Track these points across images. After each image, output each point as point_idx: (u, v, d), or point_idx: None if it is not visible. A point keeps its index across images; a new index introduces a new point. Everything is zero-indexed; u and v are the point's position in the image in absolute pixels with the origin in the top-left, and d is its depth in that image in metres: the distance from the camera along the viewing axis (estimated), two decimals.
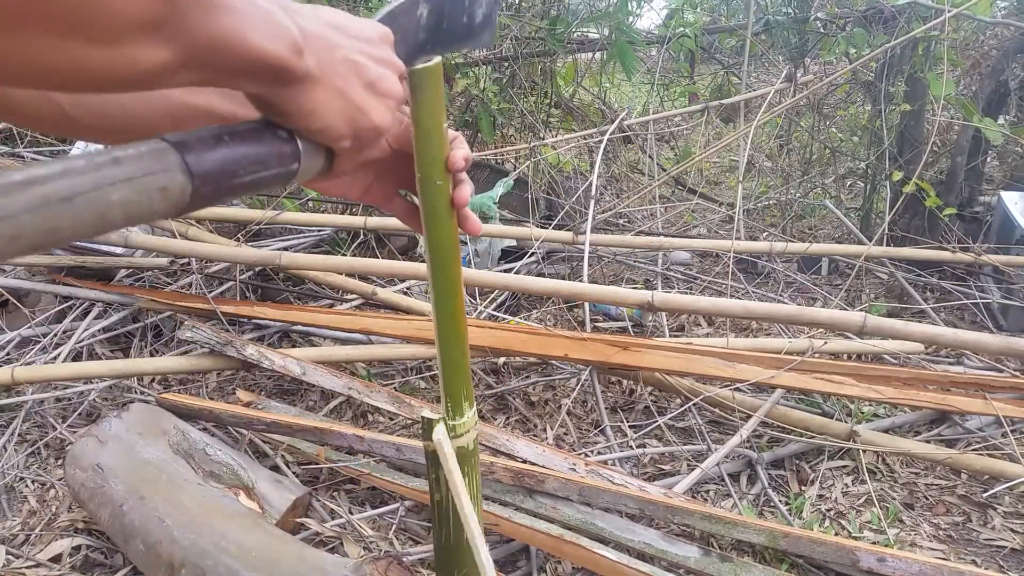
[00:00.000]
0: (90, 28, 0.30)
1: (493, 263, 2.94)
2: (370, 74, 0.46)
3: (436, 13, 0.57)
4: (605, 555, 1.46)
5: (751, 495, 1.82)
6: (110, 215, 0.35)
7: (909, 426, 2.07)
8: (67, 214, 0.33)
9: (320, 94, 0.43)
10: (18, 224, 0.31)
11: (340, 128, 0.45)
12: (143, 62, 0.33)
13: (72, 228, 0.34)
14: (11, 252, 0.32)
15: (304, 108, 0.43)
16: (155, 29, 0.33)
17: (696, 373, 1.96)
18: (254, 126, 0.44)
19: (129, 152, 0.36)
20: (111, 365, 2.01)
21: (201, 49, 0.35)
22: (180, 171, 0.38)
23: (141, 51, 0.33)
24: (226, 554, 1.31)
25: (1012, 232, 2.75)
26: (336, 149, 0.47)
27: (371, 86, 0.46)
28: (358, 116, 0.45)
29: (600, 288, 2.21)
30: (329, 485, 1.78)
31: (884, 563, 1.42)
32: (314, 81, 0.42)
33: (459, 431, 0.72)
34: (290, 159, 0.44)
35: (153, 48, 0.33)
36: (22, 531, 1.64)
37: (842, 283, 2.95)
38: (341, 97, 0.44)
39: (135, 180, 0.36)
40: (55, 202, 0.32)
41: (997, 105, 3.22)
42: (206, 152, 0.39)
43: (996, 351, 1.90)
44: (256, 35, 0.38)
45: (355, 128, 0.46)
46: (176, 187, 0.38)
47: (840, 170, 4.07)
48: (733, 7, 4.82)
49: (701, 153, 3.68)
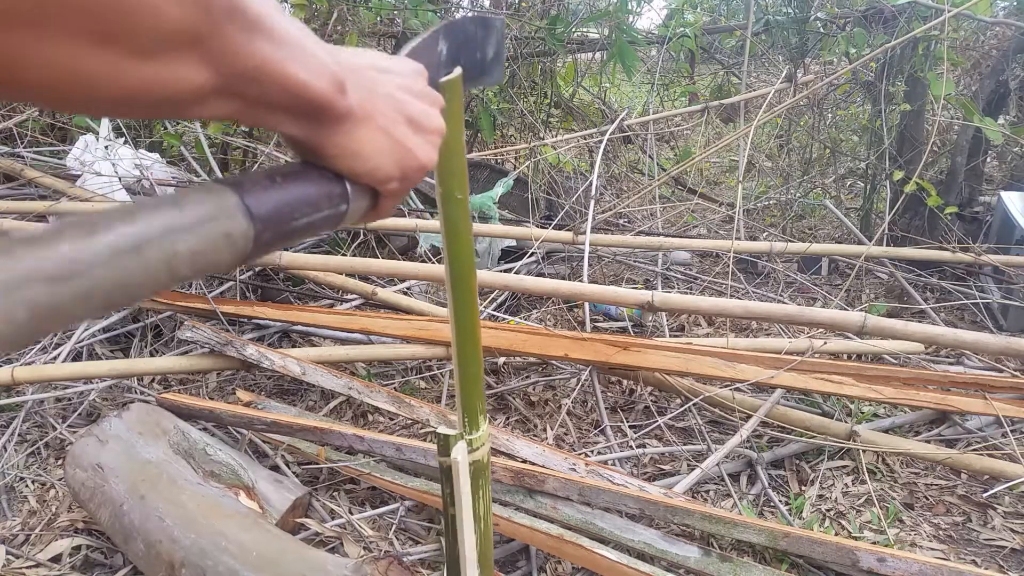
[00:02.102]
0: (126, 35, 0.29)
1: (493, 263, 2.94)
2: (413, 110, 0.44)
3: (454, 50, 0.57)
4: (605, 555, 1.46)
5: (751, 495, 1.82)
6: (178, 266, 0.32)
7: (909, 426, 2.07)
8: (138, 267, 0.30)
9: (364, 134, 0.41)
10: (93, 279, 0.29)
11: (388, 169, 0.43)
12: (179, 81, 0.32)
13: (142, 284, 0.31)
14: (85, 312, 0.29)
15: (348, 149, 0.41)
16: (192, 45, 0.31)
17: (696, 373, 1.96)
18: (301, 167, 0.41)
19: (189, 196, 0.34)
20: (111, 365, 2.01)
21: (240, 75, 0.34)
22: (242, 215, 0.35)
23: (177, 69, 0.31)
24: (226, 554, 1.31)
25: (1012, 232, 2.75)
26: (382, 191, 0.44)
27: (415, 123, 0.44)
28: (405, 156, 0.43)
29: (600, 288, 2.21)
30: (329, 485, 1.78)
31: (884, 563, 1.42)
32: (357, 120, 0.41)
33: (475, 444, 0.72)
34: (340, 200, 0.42)
35: (190, 67, 0.32)
36: (22, 531, 1.64)
37: (842, 283, 2.95)
38: (386, 136, 0.42)
39: (200, 227, 0.33)
40: (125, 253, 0.30)
41: (997, 105, 3.22)
42: (262, 194, 0.37)
43: (996, 351, 1.90)
44: (298, 67, 0.36)
45: (402, 168, 0.44)
46: (239, 233, 0.35)
47: (840, 170, 4.07)
48: (733, 7, 4.82)
49: (701, 153, 3.68)
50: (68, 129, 3.37)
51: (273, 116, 0.38)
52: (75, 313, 0.29)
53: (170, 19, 0.29)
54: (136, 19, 0.29)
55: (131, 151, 2.89)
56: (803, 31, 3.56)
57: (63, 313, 0.28)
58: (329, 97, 0.38)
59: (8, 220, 2.41)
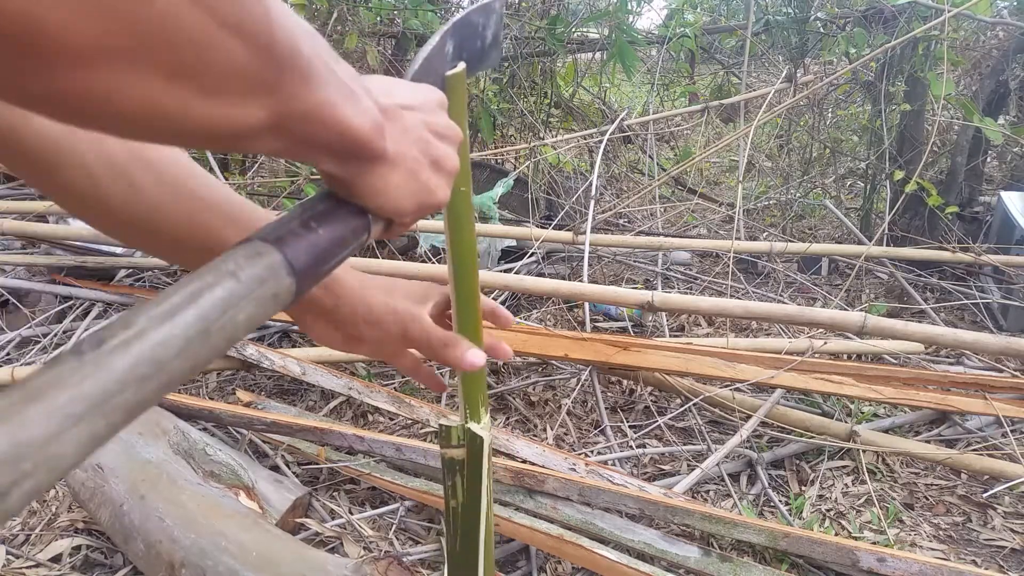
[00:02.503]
0: (202, 77, 0.31)
1: (493, 263, 2.94)
2: (436, 152, 0.48)
3: (459, 45, 0.60)
4: (605, 555, 1.46)
5: (751, 495, 1.82)
6: (236, 335, 0.34)
7: (909, 426, 2.08)
8: (206, 349, 0.32)
9: (394, 176, 0.44)
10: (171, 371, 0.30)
11: (408, 207, 0.46)
12: (240, 120, 0.34)
13: (207, 360, 0.33)
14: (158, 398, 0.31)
15: (378, 188, 0.44)
16: (256, 87, 0.33)
17: (696, 373, 1.96)
18: (328, 204, 0.44)
19: (241, 263, 0.36)
20: None
21: (293, 117, 0.36)
22: (287, 274, 0.37)
23: (240, 110, 0.33)
24: (226, 554, 1.31)
25: (1012, 232, 2.75)
26: (397, 222, 0.48)
27: (436, 164, 0.48)
28: (426, 196, 0.47)
29: (600, 288, 2.21)
30: (329, 485, 1.78)
31: (884, 563, 1.42)
32: (389, 162, 0.44)
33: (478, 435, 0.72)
34: (362, 231, 0.45)
35: (251, 109, 0.34)
36: (22, 531, 1.64)
37: (842, 283, 2.95)
38: (412, 179, 0.46)
39: (253, 293, 0.35)
40: (196, 340, 0.32)
41: (997, 105, 3.22)
42: (300, 246, 0.39)
43: (996, 351, 1.90)
44: (346, 111, 0.38)
45: (420, 205, 0.47)
46: (284, 290, 0.37)
47: (840, 170, 4.07)
48: (733, 7, 4.82)
49: (701, 153, 3.68)
50: None
51: (316, 154, 0.40)
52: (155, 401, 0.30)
53: (240, 62, 0.32)
54: (211, 59, 0.31)
55: None
56: (803, 31, 3.56)
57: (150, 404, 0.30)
58: (370, 140, 0.41)
59: (8, 220, 2.41)
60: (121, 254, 2.45)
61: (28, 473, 0.25)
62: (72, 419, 0.26)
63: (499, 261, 2.96)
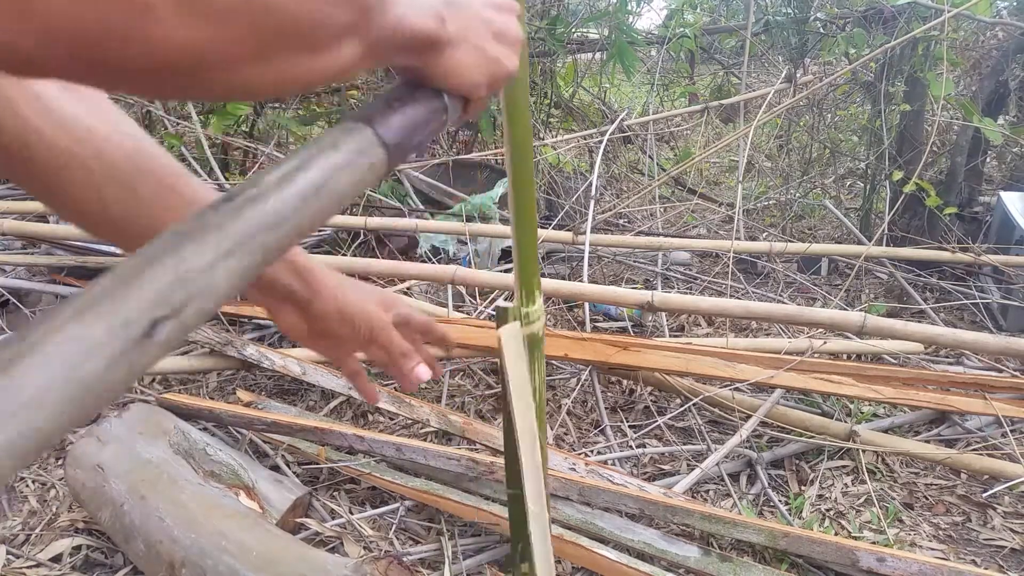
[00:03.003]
0: (314, 42, 0.37)
1: (493, 263, 2.94)
2: (497, 25, 0.51)
3: None
4: (605, 555, 1.46)
5: (751, 495, 1.82)
6: (344, 196, 0.41)
7: (909, 426, 2.08)
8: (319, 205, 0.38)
9: (462, 54, 0.49)
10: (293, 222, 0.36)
11: (479, 80, 0.50)
12: (343, 60, 0.40)
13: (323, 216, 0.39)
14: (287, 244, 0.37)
15: (448, 69, 0.48)
16: (353, 33, 0.39)
17: (696, 373, 1.96)
18: (408, 89, 0.49)
19: (338, 137, 0.42)
20: None
21: (378, 40, 0.41)
22: (379, 145, 0.43)
23: (342, 52, 0.39)
24: (226, 554, 1.31)
25: (1012, 232, 2.76)
26: (473, 98, 0.52)
27: (499, 36, 0.52)
28: (494, 67, 0.51)
29: (600, 288, 2.21)
30: (329, 485, 1.78)
31: (884, 563, 1.42)
32: (455, 44, 0.48)
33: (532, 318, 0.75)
34: (442, 112, 0.50)
35: (350, 48, 0.40)
36: (23, 531, 1.64)
37: (842, 283, 2.95)
38: (478, 52, 0.50)
39: (353, 162, 0.41)
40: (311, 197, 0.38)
41: (997, 105, 3.22)
42: (388, 122, 0.45)
43: (996, 351, 1.90)
44: (415, 16, 0.43)
45: (491, 77, 0.51)
46: (379, 160, 0.44)
47: (840, 170, 4.07)
48: (733, 7, 4.82)
49: (701, 153, 3.68)
50: None
51: (394, 55, 0.45)
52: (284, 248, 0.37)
53: (340, 20, 0.38)
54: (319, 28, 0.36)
55: None
56: (803, 31, 3.56)
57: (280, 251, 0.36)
58: (437, 32, 0.46)
59: (8, 220, 2.41)
60: (121, 254, 2.45)
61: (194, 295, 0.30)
62: (222, 254, 0.32)
63: (499, 261, 2.96)
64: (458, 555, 1.56)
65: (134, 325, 0.27)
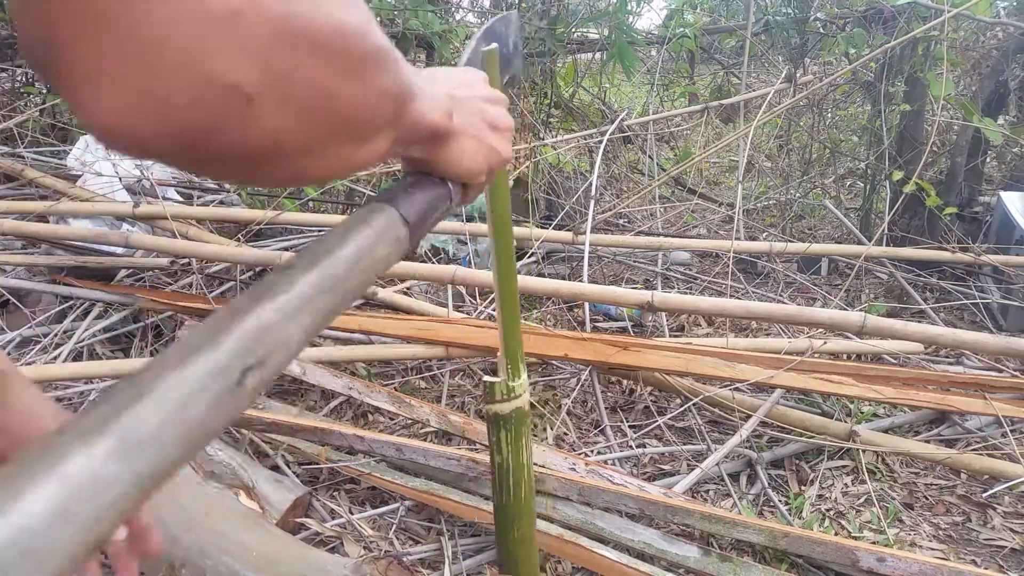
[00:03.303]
0: (363, 134, 0.40)
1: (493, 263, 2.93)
2: (491, 117, 0.57)
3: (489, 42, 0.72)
4: (605, 555, 1.46)
5: (751, 495, 1.82)
6: (378, 265, 0.45)
7: (909, 426, 2.08)
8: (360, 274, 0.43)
9: (464, 144, 0.54)
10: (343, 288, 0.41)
11: (480, 167, 0.56)
12: (378, 150, 0.43)
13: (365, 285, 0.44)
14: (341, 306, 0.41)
15: (452, 158, 0.54)
16: (391, 126, 0.42)
17: (696, 373, 1.96)
18: (418, 178, 0.55)
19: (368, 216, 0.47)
20: (112, 365, 2.01)
21: (403, 133, 0.45)
22: (402, 224, 0.49)
23: (378, 143, 0.42)
24: (226, 554, 1.31)
25: (1012, 232, 2.75)
26: (472, 184, 0.58)
27: (494, 126, 0.57)
28: (491, 154, 0.57)
29: (600, 288, 2.21)
30: (329, 485, 1.78)
31: (884, 563, 1.42)
32: (458, 135, 0.53)
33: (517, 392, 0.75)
34: (447, 197, 0.56)
35: (384, 140, 0.43)
36: None
37: (842, 283, 2.95)
38: (478, 142, 0.55)
39: (383, 236, 0.46)
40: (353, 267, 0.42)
41: (997, 105, 3.23)
42: (408, 205, 0.50)
43: (995, 351, 1.90)
44: (430, 112, 0.47)
45: (489, 164, 0.57)
46: (404, 237, 0.49)
47: (840, 170, 4.08)
48: (733, 7, 4.82)
49: (701, 153, 3.68)
50: (68, 130, 3.37)
51: (408, 146, 0.49)
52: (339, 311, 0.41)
53: (384, 114, 0.41)
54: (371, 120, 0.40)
55: None
56: (803, 31, 3.56)
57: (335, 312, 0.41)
58: (447, 125, 0.51)
59: (9, 220, 2.41)
60: (121, 254, 2.45)
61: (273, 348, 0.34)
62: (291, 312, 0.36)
63: None
64: (458, 555, 1.56)
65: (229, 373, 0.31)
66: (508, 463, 0.77)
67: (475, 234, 2.72)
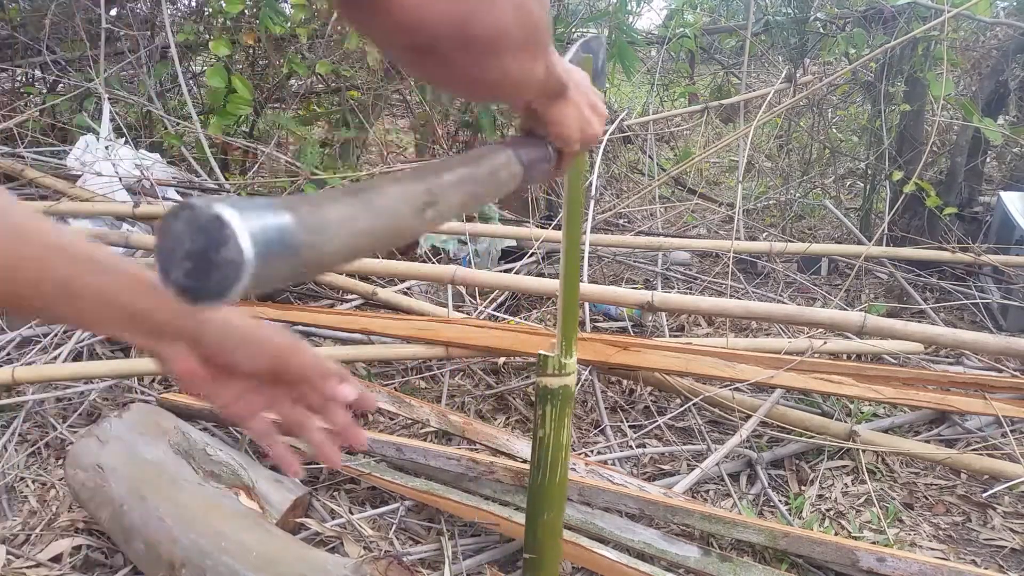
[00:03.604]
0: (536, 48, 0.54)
1: (493, 263, 2.94)
2: (593, 99, 0.71)
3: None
4: (605, 555, 1.46)
5: (751, 495, 1.82)
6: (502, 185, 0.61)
7: (909, 426, 2.08)
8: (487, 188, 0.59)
9: (571, 110, 0.67)
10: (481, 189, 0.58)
11: (575, 134, 0.69)
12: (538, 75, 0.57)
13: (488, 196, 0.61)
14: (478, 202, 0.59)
15: (559, 117, 0.67)
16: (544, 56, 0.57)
17: (696, 373, 1.96)
18: (526, 136, 0.69)
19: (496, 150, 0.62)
20: (112, 365, 2.01)
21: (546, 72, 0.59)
22: (517, 162, 0.63)
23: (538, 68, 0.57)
24: (226, 554, 1.31)
25: (1012, 232, 2.75)
26: (567, 151, 0.70)
27: (594, 107, 0.71)
28: (587, 127, 0.69)
29: (600, 288, 2.21)
30: (329, 485, 1.78)
31: (884, 563, 1.42)
32: (569, 100, 0.67)
33: (568, 369, 0.78)
34: (549, 157, 0.69)
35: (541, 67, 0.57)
36: (22, 531, 1.64)
37: (842, 283, 2.95)
38: (580, 113, 0.68)
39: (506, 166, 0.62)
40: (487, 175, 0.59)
41: (997, 105, 3.23)
42: (522, 150, 0.65)
43: (995, 351, 1.90)
44: (560, 71, 0.63)
45: (584, 135, 0.70)
46: (519, 173, 0.63)
47: (840, 170, 4.07)
48: (733, 7, 4.82)
49: (701, 153, 3.68)
50: (68, 129, 3.37)
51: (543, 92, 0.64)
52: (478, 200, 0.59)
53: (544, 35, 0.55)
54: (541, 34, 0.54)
55: (131, 151, 2.89)
56: (803, 31, 3.56)
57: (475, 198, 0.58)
58: (567, 85, 0.66)
59: None
60: (121, 254, 2.45)
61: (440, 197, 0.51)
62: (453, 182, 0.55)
63: (499, 261, 2.96)
64: (458, 555, 1.56)
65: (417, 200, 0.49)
66: (550, 440, 0.79)
67: (475, 234, 2.72)
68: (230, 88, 3.02)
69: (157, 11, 3.37)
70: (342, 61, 3.28)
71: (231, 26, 3.19)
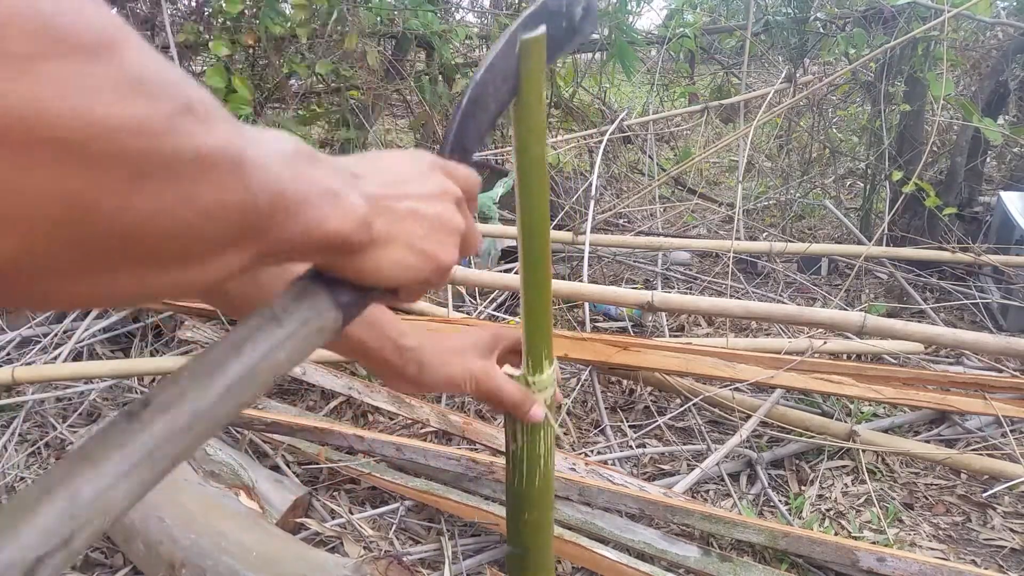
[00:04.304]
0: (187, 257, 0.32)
1: (493, 263, 2.94)
2: (431, 216, 0.46)
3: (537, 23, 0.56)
4: (605, 555, 1.46)
5: (751, 495, 1.82)
6: (280, 370, 0.38)
7: (909, 426, 2.08)
8: (250, 392, 0.36)
9: (389, 253, 0.43)
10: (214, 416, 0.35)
11: (408, 278, 0.45)
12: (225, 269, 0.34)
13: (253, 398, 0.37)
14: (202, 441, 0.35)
15: (368, 271, 0.43)
16: (241, 243, 0.33)
17: (696, 373, 1.96)
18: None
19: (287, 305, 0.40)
20: (112, 365, 2.01)
21: (280, 246, 0.36)
22: (333, 308, 0.41)
23: (225, 261, 0.33)
24: (226, 554, 1.31)
25: (1012, 232, 2.75)
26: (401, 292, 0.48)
27: (435, 228, 0.46)
28: (426, 263, 0.46)
29: (600, 288, 2.21)
30: (329, 485, 1.78)
31: (884, 563, 1.42)
32: (382, 244, 0.43)
33: (540, 386, 0.74)
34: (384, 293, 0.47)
35: (235, 256, 0.34)
36: None
37: (842, 283, 2.95)
38: (407, 250, 0.44)
39: (297, 333, 0.39)
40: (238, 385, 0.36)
41: (997, 105, 3.22)
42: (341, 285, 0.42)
43: (995, 351, 1.90)
44: (333, 220, 0.38)
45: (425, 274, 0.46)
46: (330, 323, 0.41)
47: (840, 170, 4.07)
48: (733, 7, 4.82)
49: (701, 153, 3.68)
50: None
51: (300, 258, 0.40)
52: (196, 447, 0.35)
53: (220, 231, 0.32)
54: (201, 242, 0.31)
55: None
56: (803, 31, 3.56)
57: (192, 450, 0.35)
58: (355, 236, 0.40)
59: None
60: None
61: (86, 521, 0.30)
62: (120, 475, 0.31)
63: (499, 261, 2.96)
64: (458, 555, 1.56)
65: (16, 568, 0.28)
66: (522, 453, 0.77)
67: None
68: (230, 88, 3.02)
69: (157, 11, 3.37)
70: (342, 61, 3.28)
71: (231, 26, 3.19)
